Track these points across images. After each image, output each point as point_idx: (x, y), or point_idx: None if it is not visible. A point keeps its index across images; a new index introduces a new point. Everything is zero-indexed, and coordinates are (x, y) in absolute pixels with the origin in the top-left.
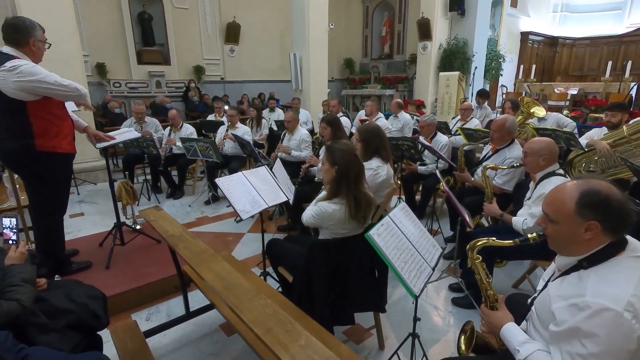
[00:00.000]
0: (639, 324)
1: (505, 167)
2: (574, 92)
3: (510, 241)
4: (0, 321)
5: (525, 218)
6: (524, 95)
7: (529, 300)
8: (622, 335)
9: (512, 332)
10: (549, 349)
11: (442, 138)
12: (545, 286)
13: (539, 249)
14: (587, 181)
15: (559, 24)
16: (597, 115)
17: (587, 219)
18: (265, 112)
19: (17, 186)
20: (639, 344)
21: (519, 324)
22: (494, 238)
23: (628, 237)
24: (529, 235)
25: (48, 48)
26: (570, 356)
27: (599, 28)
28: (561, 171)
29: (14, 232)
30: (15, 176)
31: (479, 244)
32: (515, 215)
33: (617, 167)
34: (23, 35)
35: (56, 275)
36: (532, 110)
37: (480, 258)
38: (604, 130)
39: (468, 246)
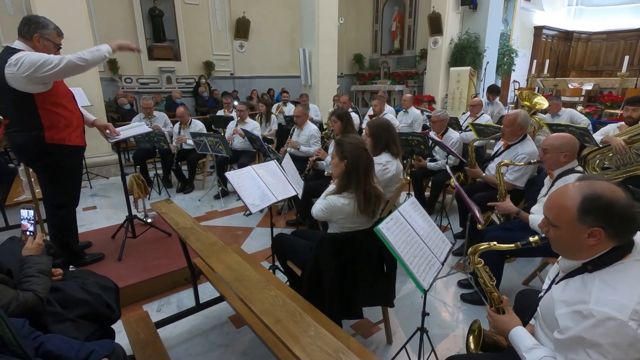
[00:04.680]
0: None
1: (522, 163)
2: (589, 87)
3: (512, 245)
4: (16, 311)
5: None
6: (536, 89)
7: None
8: (627, 345)
9: (520, 337)
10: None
11: (453, 134)
12: (549, 287)
13: (550, 247)
14: (589, 184)
15: (574, 17)
16: (612, 111)
17: (589, 225)
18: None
19: (33, 179)
20: None
21: (529, 321)
22: (495, 242)
23: (636, 238)
24: (531, 239)
25: (58, 50)
26: None
27: (615, 22)
28: (580, 168)
29: (32, 224)
30: (31, 169)
31: (480, 248)
32: (528, 212)
33: (633, 164)
34: (30, 29)
35: (70, 266)
36: (534, 102)
37: (483, 262)
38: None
39: (470, 250)
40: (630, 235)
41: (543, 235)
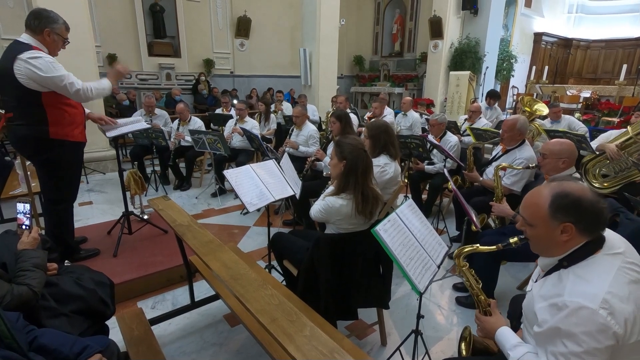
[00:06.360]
0: (615, 320)
1: (520, 167)
2: (587, 94)
3: (494, 247)
4: (10, 304)
5: None
6: (534, 95)
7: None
8: (599, 332)
9: (505, 336)
10: None
11: (451, 138)
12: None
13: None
14: (559, 184)
15: (573, 25)
16: (609, 119)
17: (561, 221)
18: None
19: (29, 173)
20: (616, 339)
21: (519, 325)
22: (478, 245)
23: (606, 234)
24: (511, 240)
25: (65, 44)
26: (554, 356)
27: (614, 30)
28: (577, 175)
29: (28, 218)
30: (27, 163)
31: (464, 251)
32: None
33: (630, 169)
34: (40, 23)
35: (66, 261)
36: (534, 108)
37: (467, 265)
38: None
39: (454, 254)
40: (599, 229)
41: (522, 236)
